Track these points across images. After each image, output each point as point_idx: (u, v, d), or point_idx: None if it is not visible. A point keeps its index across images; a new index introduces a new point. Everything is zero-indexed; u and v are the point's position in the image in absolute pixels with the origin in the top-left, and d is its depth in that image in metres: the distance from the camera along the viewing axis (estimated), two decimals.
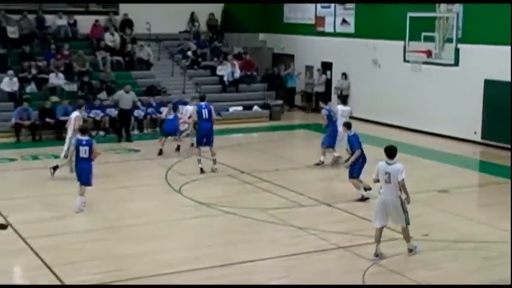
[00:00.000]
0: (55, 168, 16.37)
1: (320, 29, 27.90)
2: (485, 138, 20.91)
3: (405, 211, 11.22)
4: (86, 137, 14.06)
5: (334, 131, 17.69)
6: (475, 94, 20.88)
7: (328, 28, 27.42)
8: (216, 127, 18.03)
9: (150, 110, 23.51)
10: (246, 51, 29.06)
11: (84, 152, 13.87)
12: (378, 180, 11.35)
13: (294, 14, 29.49)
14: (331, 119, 17.92)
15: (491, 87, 20.61)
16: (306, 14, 28.67)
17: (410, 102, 23.37)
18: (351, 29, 26.32)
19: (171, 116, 19.75)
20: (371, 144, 21.22)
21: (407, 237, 11.44)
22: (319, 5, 27.84)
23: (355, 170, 14.69)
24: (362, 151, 14.78)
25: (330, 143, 17.83)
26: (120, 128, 21.73)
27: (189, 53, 27.64)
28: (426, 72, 20.80)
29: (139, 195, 15.39)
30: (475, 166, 19.08)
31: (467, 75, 21.00)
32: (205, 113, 17.49)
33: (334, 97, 26.97)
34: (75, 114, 16.78)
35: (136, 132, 22.87)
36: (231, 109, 25.76)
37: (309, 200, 14.84)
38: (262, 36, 30.72)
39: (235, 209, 14.00)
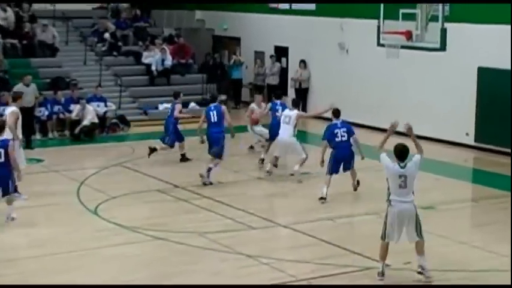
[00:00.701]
0: None
1: (273, 5, 28.02)
2: (479, 141, 21.26)
3: (419, 222, 11.60)
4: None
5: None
6: (467, 86, 21.23)
7: (283, 4, 27.55)
8: (144, 129, 17.93)
9: (56, 108, 23.26)
10: (180, 33, 29.05)
11: None
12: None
13: None
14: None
15: (487, 77, 20.98)
16: None
17: (386, 96, 23.62)
18: (311, 5, 26.50)
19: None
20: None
21: (421, 250, 11.71)
22: None
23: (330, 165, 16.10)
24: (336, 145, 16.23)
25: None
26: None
27: (107, 36, 27.46)
28: (405, 58, 21.00)
29: (42, 217, 15.16)
30: (467, 176, 19.35)
31: (457, 62, 21.33)
32: (213, 115, 17.70)
33: (291, 91, 27.16)
34: None
35: (38, 136, 22.59)
36: (161, 106, 25.66)
37: (260, 220, 14.84)
38: (199, 14, 30.72)
39: (167, 234, 13.91)
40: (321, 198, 16.08)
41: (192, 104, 26.10)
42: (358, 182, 16.87)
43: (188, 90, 26.62)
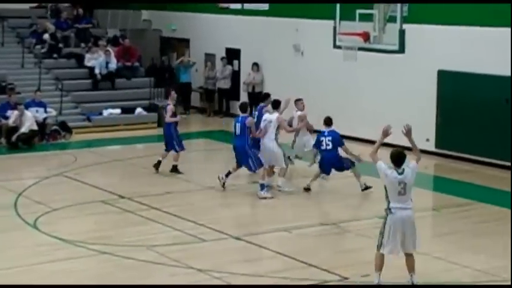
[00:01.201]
0: None
1: (224, 5, 28.05)
2: (440, 147, 21.49)
3: (414, 232, 11.75)
4: None
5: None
6: (427, 89, 21.46)
7: (235, 4, 27.59)
8: (88, 136, 17.80)
9: None
10: (125, 34, 28.93)
11: None
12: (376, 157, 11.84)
13: None
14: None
15: (447, 80, 21.23)
16: None
17: (343, 100, 23.75)
18: (264, 5, 26.57)
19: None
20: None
21: (413, 266, 11.83)
22: None
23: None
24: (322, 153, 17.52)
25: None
26: None
27: (46, 37, 27.25)
28: (363, 60, 21.12)
29: None
30: (427, 184, 19.54)
31: (416, 65, 21.56)
32: (238, 127, 17.65)
33: (243, 95, 27.21)
34: None
35: None
36: (106, 112, 25.53)
37: (211, 232, 14.82)
38: (146, 14, 30.65)
39: (112, 248, 13.84)
40: (306, 188, 17.60)
41: (139, 110, 26.01)
42: (366, 187, 17.27)
43: (134, 94, 26.61)
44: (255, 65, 26.67)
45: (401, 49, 19.41)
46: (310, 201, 17.21)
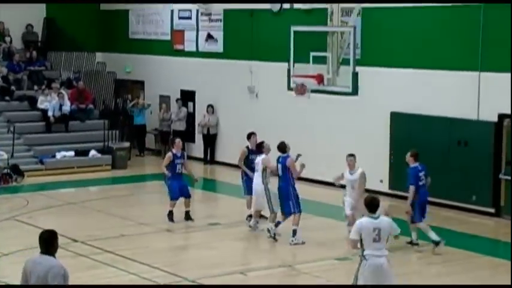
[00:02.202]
0: None
1: (178, 47, 28.11)
2: (394, 188, 21.59)
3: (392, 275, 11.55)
4: None
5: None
6: (380, 131, 21.62)
7: (190, 46, 27.68)
8: (41, 179, 17.56)
9: None
10: (79, 76, 28.80)
11: None
12: (356, 242, 11.53)
13: (142, 27, 29.60)
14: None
15: (399, 122, 21.42)
16: (158, 27, 28.84)
17: (297, 142, 23.68)
18: (218, 47, 26.68)
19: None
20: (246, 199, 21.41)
21: None
22: (176, 15, 28.08)
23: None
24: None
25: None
26: None
27: None
28: (317, 102, 21.30)
29: None
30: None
31: (369, 107, 21.72)
32: (279, 168, 17.30)
33: (198, 137, 27.18)
34: None
35: None
36: (59, 155, 25.33)
37: (166, 275, 14.70)
38: (100, 56, 30.56)
39: None
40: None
41: (93, 152, 25.84)
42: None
43: (89, 137, 26.42)
44: (210, 107, 26.68)
45: (355, 91, 19.59)
46: (270, 243, 17.11)
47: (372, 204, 11.53)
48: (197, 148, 27.52)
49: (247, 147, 19.15)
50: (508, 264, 15.33)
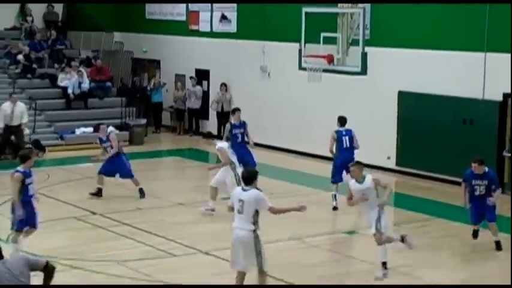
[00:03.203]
0: None
1: (193, 27, 28.06)
2: (400, 165, 21.58)
3: (258, 253, 11.22)
4: None
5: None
6: (388, 109, 21.56)
7: (204, 26, 27.63)
8: (61, 154, 17.65)
9: None
10: (98, 55, 28.83)
11: None
12: (232, 209, 11.35)
13: (159, 8, 29.54)
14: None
15: (407, 101, 21.36)
16: (174, 8, 28.78)
17: (308, 120, 23.79)
18: (232, 27, 26.62)
19: None
20: (260, 173, 21.31)
21: None
22: None
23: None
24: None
25: None
26: None
27: (20, 57, 27.05)
28: (327, 82, 21.22)
29: None
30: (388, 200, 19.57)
31: (378, 86, 21.66)
32: (345, 140, 17.65)
33: (212, 114, 27.19)
34: None
35: None
36: (78, 131, 25.40)
37: (182, 247, 14.74)
38: (118, 36, 30.54)
39: (84, 263, 13.72)
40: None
41: (111, 128, 25.80)
42: None
43: (107, 114, 26.42)
44: (224, 85, 26.64)
45: (364, 71, 19.55)
46: (279, 216, 17.09)
47: (247, 177, 11.35)
48: (211, 125, 27.52)
49: (231, 122, 19.43)
50: (508, 237, 15.34)
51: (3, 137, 22.82)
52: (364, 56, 19.30)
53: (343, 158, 17.43)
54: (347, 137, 17.70)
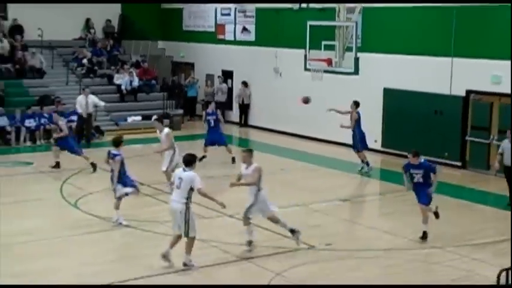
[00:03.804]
0: None
1: (220, 36, 28.00)
2: (385, 147, 21.52)
3: (186, 221, 11.20)
4: None
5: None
6: (375, 102, 21.47)
7: (229, 36, 27.55)
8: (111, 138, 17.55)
9: (42, 120, 22.88)
10: (145, 59, 28.81)
11: None
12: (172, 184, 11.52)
13: (193, 21, 29.45)
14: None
15: (390, 96, 21.27)
16: (206, 21, 28.70)
17: (312, 110, 23.73)
18: (251, 37, 26.55)
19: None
20: (272, 153, 21.44)
21: (187, 249, 11.37)
22: (219, 12, 27.95)
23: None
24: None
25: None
26: None
27: (85, 61, 27.12)
28: (327, 80, 21.16)
29: (31, 210, 14.90)
30: (375, 174, 19.56)
31: (367, 84, 21.57)
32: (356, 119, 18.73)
33: (235, 106, 27.20)
34: None
35: (28, 143, 22.19)
36: (130, 119, 25.45)
37: (210, 211, 14.74)
38: (161, 43, 30.52)
39: (134, 223, 13.78)
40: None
41: (155, 117, 25.83)
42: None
43: (152, 105, 26.48)
44: (244, 83, 26.59)
45: (356, 72, 19.53)
46: (287, 186, 17.14)
47: (187, 161, 11.38)
48: (234, 115, 27.51)
49: (206, 111, 20.32)
50: (470, 204, 15.29)
51: (78, 123, 22.92)
52: (357, 60, 19.26)
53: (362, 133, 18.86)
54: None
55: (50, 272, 11.10)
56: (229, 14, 27.51)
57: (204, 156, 19.15)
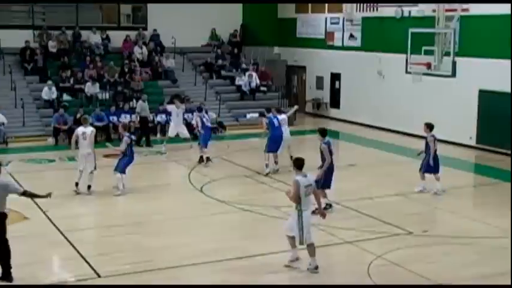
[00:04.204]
0: None
1: (330, 43, 27.90)
2: (479, 143, 20.82)
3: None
4: None
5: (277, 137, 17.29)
6: (471, 103, 20.81)
7: (337, 42, 27.42)
8: (236, 131, 18.00)
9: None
10: (263, 63, 29.09)
11: None
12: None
13: (306, 29, 29.50)
14: (273, 126, 17.30)
15: (485, 97, 20.54)
16: (317, 29, 28.68)
17: (412, 110, 23.30)
18: (358, 43, 26.31)
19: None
20: (377, 148, 21.24)
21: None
22: (329, 21, 27.84)
23: (327, 181, 13.54)
24: (331, 161, 13.53)
25: (273, 148, 17.29)
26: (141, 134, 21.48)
27: (211, 60, 27.66)
28: (426, 82, 20.71)
29: (164, 193, 15.47)
30: (470, 168, 18.98)
31: (464, 86, 20.91)
32: None
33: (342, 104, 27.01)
34: None
35: (159, 136, 22.85)
36: (248, 115, 25.78)
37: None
38: (277, 49, 30.77)
39: (251, 207, 14.03)
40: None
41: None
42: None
43: (268, 104, 26.54)
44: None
45: (453, 74, 19.03)
46: (387, 177, 16.93)
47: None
48: (341, 112, 27.37)
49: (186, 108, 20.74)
50: None
51: None
52: (454, 63, 18.82)
53: None
54: None
55: (178, 247, 11.51)
56: (337, 23, 27.37)
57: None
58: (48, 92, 23.23)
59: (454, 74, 19.00)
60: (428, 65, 19.29)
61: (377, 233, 12.32)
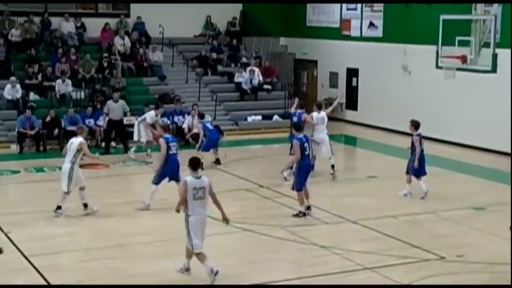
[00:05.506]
0: None
1: (345, 32, 27.90)
2: None
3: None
4: None
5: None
6: None
7: (355, 32, 27.42)
8: (235, 137, 18.02)
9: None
10: (266, 56, 29.11)
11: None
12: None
13: (317, 16, 29.51)
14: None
15: None
16: (330, 16, 28.69)
17: (443, 111, 23.24)
18: (378, 32, 26.31)
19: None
20: (400, 156, 21.11)
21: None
22: (344, 7, 27.86)
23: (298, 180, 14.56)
24: (307, 158, 14.63)
25: None
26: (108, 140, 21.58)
27: (205, 54, 27.68)
28: (461, 79, 20.60)
29: (150, 210, 15.38)
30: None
31: (506, 83, 20.85)
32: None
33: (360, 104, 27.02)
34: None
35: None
36: (250, 118, 25.79)
37: (333, 216, 14.75)
38: (283, 40, 30.78)
39: (253, 226, 13.96)
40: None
41: (276, 117, 26.14)
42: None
43: (273, 104, 26.72)
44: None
45: (494, 70, 18.89)
46: (414, 192, 16.85)
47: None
48: (358, 115, 27.36)
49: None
50: None
51: None
52: (495, 56, 18.65)
53: None
54: None
55: (166, 274, 11.43)
56: (355, 9, 27.37)
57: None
58: (12, 90, 23.23)
59: (494, 69, 18.87)
60: (464, 59, 19.18)
61: (402, 257, 12.23)
